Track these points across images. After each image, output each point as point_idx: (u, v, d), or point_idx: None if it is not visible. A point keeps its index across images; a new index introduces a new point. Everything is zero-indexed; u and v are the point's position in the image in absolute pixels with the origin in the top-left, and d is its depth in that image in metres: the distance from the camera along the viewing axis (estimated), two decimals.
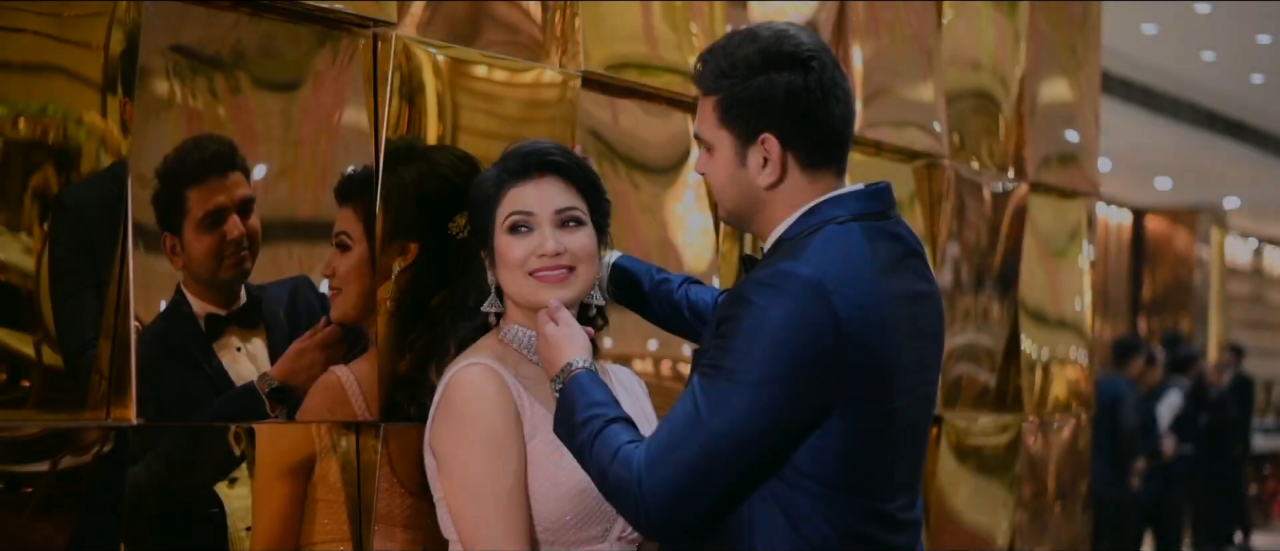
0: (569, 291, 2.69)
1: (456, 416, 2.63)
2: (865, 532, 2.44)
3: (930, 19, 4.41)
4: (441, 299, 2.90)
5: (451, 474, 2.63)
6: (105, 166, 2.47)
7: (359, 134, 2.83)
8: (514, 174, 2.72)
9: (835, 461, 2.39)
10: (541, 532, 2.65)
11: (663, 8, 3.47)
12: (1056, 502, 5.10)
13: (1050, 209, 4.97)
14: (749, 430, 2.34)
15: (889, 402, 2.43)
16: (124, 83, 2.48)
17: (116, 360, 2.43)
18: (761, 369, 2.33)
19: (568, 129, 3.17)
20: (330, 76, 2.79)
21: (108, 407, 2.43)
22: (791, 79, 2.44)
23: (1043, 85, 4.96)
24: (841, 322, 2.35)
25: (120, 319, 2.45)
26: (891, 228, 2.51)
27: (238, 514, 2.68)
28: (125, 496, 2.46)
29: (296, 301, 2.78)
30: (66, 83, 2.41)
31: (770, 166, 2.47)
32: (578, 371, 2.53)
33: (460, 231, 2.83)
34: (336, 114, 2.81)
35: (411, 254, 2.88)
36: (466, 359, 2.69)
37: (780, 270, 2.38)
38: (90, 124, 2.45)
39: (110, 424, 2.43)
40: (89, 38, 2.45)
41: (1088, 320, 5.22)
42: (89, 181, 2.47)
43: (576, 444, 2.48)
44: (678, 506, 2.36)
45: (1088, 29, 5.28)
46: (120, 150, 2.47)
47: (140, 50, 2.48)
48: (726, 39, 2.52)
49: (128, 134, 2.47)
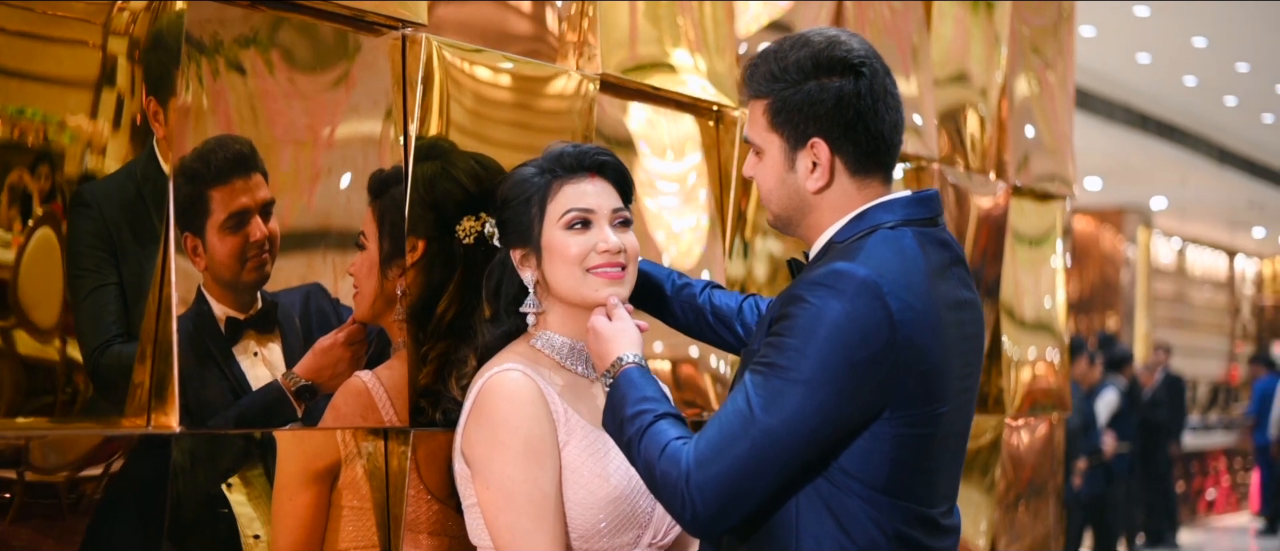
0: (624, 289, 2.70)
1: (493, 422, 2.60)
2: (911, 536, 2.43)
3: (917, 19, 4.40)
4: (458, 304, 2.85)
5: (488, 481, 2.59)
6: (124, 164, 2.42)
7: (387, 134, 2.79)
8: (569, 169, 2.71)
9: (883, 464, 2.39)
10: (575, 540, 2.62)
11: (667, 8, 3.45)
12: (1032, 501, 5.12)
13: (1029, 211, 4.98)
14: (801, 429, 2.33)
15: (937, 407, 2.42)
16: (148, 80, 2.43)
17: (157, 366, 2.38)
18: (816, 367, 2.32)
19: (585, 131, 3.14)
20: (360, 76, 2.74)
21: (149, 415, 2.37)
22: (843, 84, 2.44)
23: (1020, 87, 4.97)
24: (896, 324, 2.34)
25: (162, 324, 2.39)
26: (939, 234, 2.51)
27: (259, 521, 2.63)
28: (168, 506, 2.41)
29: (309, 308, 2.73)
30: (70, 78, 2.36)
31: (819, 171, 2.47)
32: (628, 366, 2.53)
33: (468, 236, 2.79)
34: (365, 113, 2.77)
35: (437, 256, 2.83)
36: (499, 364, 2.66)
37: (836, 270, 2.37)
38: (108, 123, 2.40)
39: (153, 432, 2.38)
40: (103, 33, 2.40)
41: (1062, 321, 5.25)
42: (108, 180, 2.42)
43: (624, 438, 2.46)
44: (726, 504, 2.35)
45: (1061, 31, 5.30)
46: (153, 149, 2.42)
47: (181, 48, 2.44)
48: (778, 44, 2.52)
49: (158, 134, 2.42)
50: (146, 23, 2.44)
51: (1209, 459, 17.08)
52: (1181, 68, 13.15)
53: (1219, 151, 16.63)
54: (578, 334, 2.73)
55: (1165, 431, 13.75)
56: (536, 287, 2.73)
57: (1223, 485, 17.62)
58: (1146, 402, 13.31)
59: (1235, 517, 17.18)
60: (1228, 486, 17.77)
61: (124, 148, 2.42)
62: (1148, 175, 17.47)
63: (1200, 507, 16.67)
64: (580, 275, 2.68)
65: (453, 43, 2.89)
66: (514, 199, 2.72)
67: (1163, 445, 13.67)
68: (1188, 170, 16.82)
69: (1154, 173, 17.32)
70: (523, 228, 2.71)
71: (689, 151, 3.52)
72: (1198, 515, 16.46)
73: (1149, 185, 18.37)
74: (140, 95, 2.44)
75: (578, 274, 2.68)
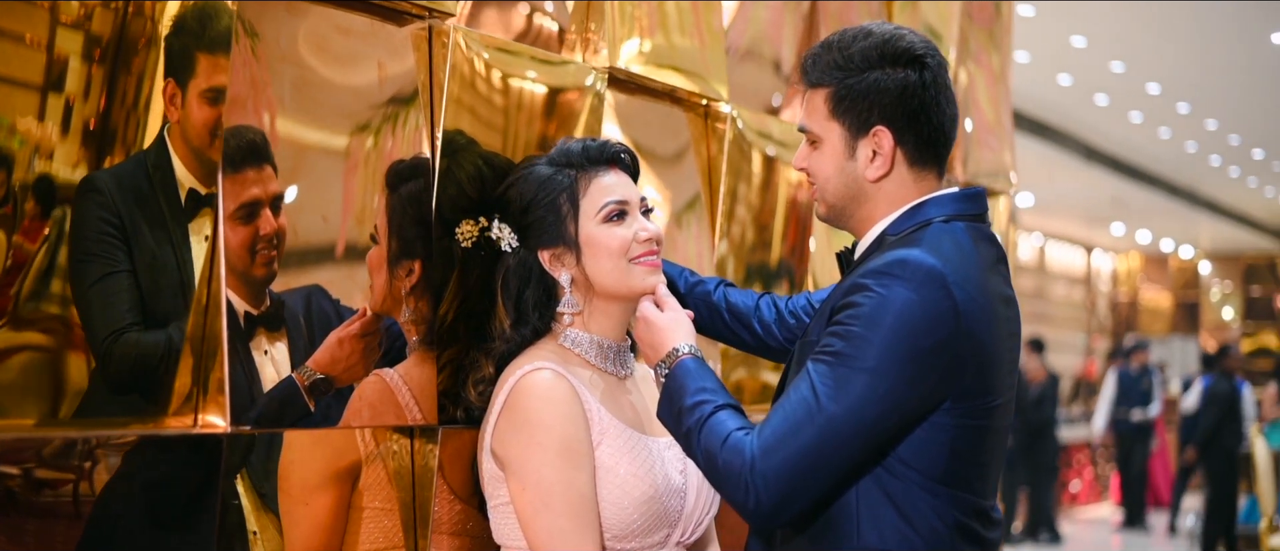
0: (662, 277, 2.68)
1: (528, 422, 2.54)
2: (969, 527, 2.44)
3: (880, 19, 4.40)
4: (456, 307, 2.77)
5: (524, 482, 2.53)
6: (135, 152, 2.32)
7: (414, 126, 2.70)
8: (594, 163, 2.67)
9: (941, 455, 2.38)
10: (609, 540, 2.58)
11: (676, 7, 3.42)
12: None
13: None
14: (866, 416, 2.32)
15: (992, 399, 2.43)
16: (169, 61, 2.33)
17: (205, 362, 2.28)
18: (881, 355, 2.31)
19: (596, 125, 3.09)
20: (388, 66, 2.66)
21: (196, 414, 2.26)
22: (907, 75, 2.45)
23: (961, 81, 4.99)
24: (960, 315, 2.34)
25: (211, 318, 2.28)
26: (987, 231, 2.53)
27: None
28: (218, 508, 2.31)
29: (311, 309, 2.64)
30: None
31: (880, 159, 2.47)
32: (684, 357, 2.51)
33: (466, 239, 2.71)
34: (392, 103, 2.68)
35: (460, 251, 2.75)
36: (530, 362, 2.60)
37: (903, 258, 2.36)
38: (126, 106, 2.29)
39: (200, 432, 2.28)
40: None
41: None
42: (120, 168, 2.31)
43: (682, 429, 2.44)
44: (790, 493, 2.33)
45: (999, 28, 5.35)
46: (163, 136, 2.33)
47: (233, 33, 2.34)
48: (839, 35, 2.51)
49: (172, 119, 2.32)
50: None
51: (1073, 451, 17.42)
52: (1058, 66, 13.35)
53: (1086, 149, 16.93)
54: (610, 330, 2.68)
55: (1051, 428, 14.00)
56: (573, 285, 2.66)
57: (1086, 477, 17.98)
58: (1034, 400, 13.53)
59: (1097, 508, 17.56)
60: (1091, 478, 18.14)
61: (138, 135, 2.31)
62: (1017, 172, 17.73)
63: (1064, 499, 16.98)
64: (626, 266, 2.64)
65: (479, 33, 2.82)
66: (540, 200, 2.66)
67: (1049, 440, 13.92)
68: (1055, 168, 17.10)
69: (1022, 170, 17.56)
70: (554, 227, 2.66)
71: (679, 144, 3.48)
72: (1062, 506, 16.77)
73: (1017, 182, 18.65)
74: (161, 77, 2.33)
75: (623, 265, 2.64)
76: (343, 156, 2.60)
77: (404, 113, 2.69)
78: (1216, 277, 28.11)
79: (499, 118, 2.88)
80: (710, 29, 3.52)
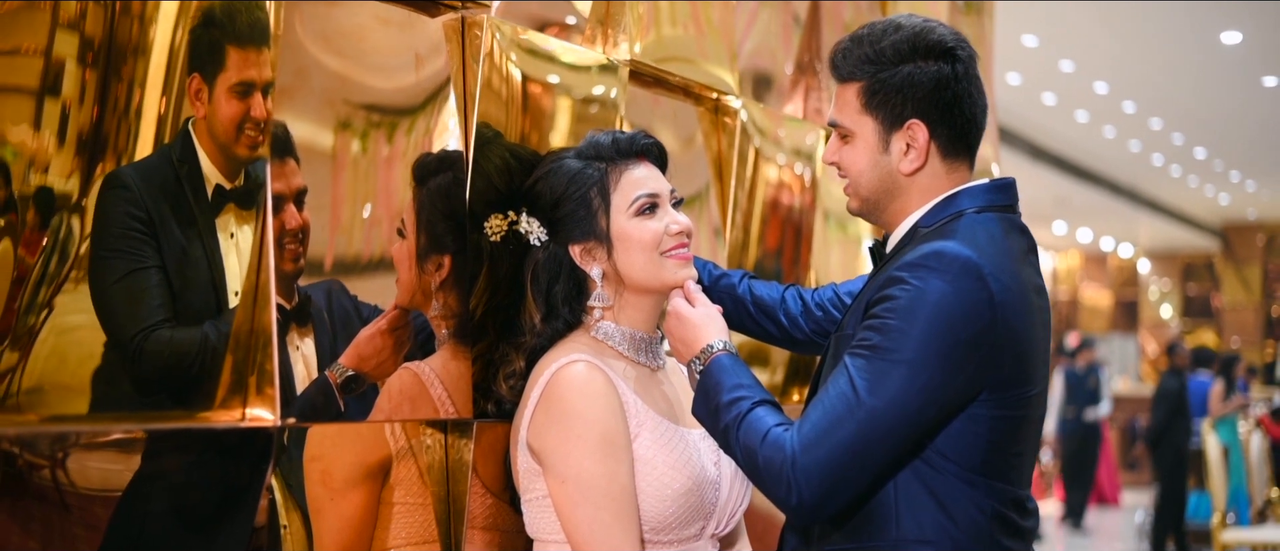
0: (694, 270, 2.67)
1: (566, 415, 2.53)
2: (1007, 517, 2.45)
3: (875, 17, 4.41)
4: (486, 301, 2.75)
5: (563, 476, 2.52)
6: (162, 146, 2.29)
7: (444, 119, 2.69)
8: (624, 155, 2.66)
9: (979, 446, 2.39)
10: (647, 532, 2.58)
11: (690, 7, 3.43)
12: None
13: None
14: (906, 409, 2.32)
15: (1028, 389, 2.44)
16: (193, 55, 2.30)
17: (253, 355, 2.25)
18: (919, 348, 2.32)
19: (614, 117, 3.09)
20: (421, 57, 2.64)
21: (243, 407, 2.24)
22: (940, 68, 2.46)
23: None
24: (996, 306, 2.35)
25: (259, 310, 2.26)
26: (1018, 221, 2.54)
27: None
28: (263, 503, 2.29)
29: (332, 304, 2.61)
30: None
31: (914, 152, 2.48)
32: (719, 354, 2.50)
33: (495, 233, 2.70)
34: (426, 95, 2.66)
35: (489, 245, 2.73)
36: (566, 355, 2.58)
37: (938, 250, 2.36)
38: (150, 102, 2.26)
39: (251, 424, 2.25)
40: None
41: None
42: (145, 163, 2.28)
43: (719, 426, 2.44)
44: (832, 488, 2.33)
45: (982, 25, 5.38)
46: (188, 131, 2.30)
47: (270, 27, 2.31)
48: (868, 28, 2.52)
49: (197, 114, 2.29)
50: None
51: None
52: (1008, 65, 13.43)
53: (1032, 148, 17.05)
54: (641, 323, 2.68)
55: None
56: (604, 279, 2.65)
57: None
58: None
59: (1043, 505, 17.69)
60: (1036, 474, 18.26)
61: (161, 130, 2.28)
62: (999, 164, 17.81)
63: None
64: (658, 259, 2.64)
65: (513, 24, 2.81)
66: (570, 194, 2.64)
67: None
68: (1000, 166, 17.18)
69: None
70: (586, 221, 2.65)
71: (691, 137, 3.49)
72: None
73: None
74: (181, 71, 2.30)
75: (656, 259, 2.64)
76: (378, 149, 2.58)
77: (435, 105, 2.68)
78: (1155, 276, 28.40)
79: (528, 110, 2.87)
80: (723, 25, 3.53)
